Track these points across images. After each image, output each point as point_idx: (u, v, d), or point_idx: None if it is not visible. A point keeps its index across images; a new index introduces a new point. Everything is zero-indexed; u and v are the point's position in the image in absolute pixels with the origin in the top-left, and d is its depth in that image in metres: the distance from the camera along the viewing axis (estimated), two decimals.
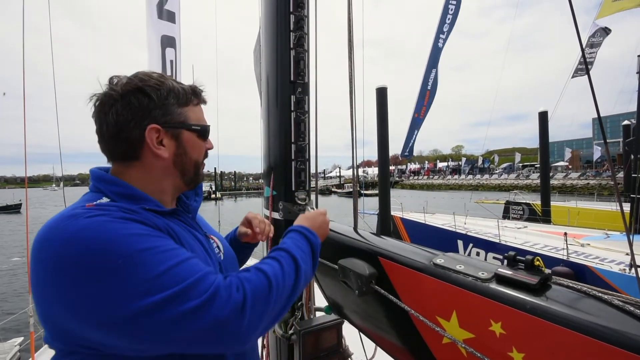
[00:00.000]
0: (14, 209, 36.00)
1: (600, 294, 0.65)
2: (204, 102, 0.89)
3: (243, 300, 0.63)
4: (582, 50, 1.14)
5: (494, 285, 0.75)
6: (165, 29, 3.47)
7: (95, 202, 0.69)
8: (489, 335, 0.74)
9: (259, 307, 0.65)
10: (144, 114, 0.75)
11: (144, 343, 0.60)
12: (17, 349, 5.05)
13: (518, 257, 0.78)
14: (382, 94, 8.82)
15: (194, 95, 0.85)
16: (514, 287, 0.72)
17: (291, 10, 1.39)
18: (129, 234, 0.62)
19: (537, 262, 0.74)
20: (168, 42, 3.52)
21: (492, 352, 0.73)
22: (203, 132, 0.85)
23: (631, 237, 1.05)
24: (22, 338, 5.40)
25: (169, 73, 3.56)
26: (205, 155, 0.89)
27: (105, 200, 0.71)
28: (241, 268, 1.00)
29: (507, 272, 0.76)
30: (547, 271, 0.72)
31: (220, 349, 0.65)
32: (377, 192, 9.28)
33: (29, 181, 3.12)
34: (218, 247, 0.93)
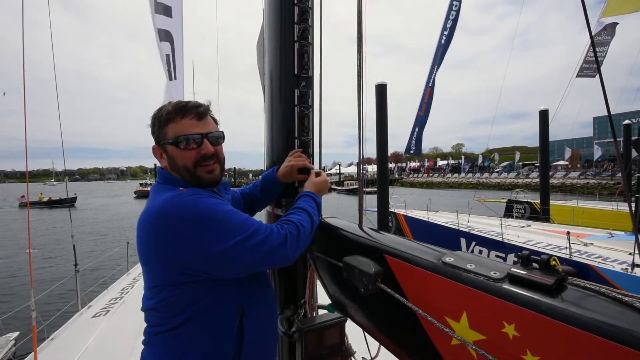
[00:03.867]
0: (69, 202, 34.76)
1: (620, 296, 0.62)
2: (196, 115, 1.06)
3: (284, 236, 1.00)
4: (594, 50, 1.11)
5: (507, 286, 0.72)
6: (160, 22, 3.40)
7: (184, 189, 1.02)
8: (502, 337, 0.71)
9: (293, 240, 1.02)
10: (154, 136, 1.10)
11: (233, 266, 0.96)
12: (12, 344, 5.00)
13: (532, 257, 0.75)
14: (381, 91, 8.77)
15: (176, 114, 1.06)
16: (528, 287, 0.70)
17: (295, 1, 1.35)
18: (215, 203, 0.97)
19: (553, 262, 0.71)
20: (165, 36, 3.45)
21: (504, 354, 0.71)
22: (175, 143, 1.05)
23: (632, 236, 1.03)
24: (17, 333, 5.33)
25: (165, 68, 3.51)
26: (203, 159, 1.07)
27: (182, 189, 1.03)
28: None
29: (521, 272, 0.73)
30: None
31: (276, 265, 1.04)
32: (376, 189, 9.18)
33: (29, 175, 3.09)
34: None
